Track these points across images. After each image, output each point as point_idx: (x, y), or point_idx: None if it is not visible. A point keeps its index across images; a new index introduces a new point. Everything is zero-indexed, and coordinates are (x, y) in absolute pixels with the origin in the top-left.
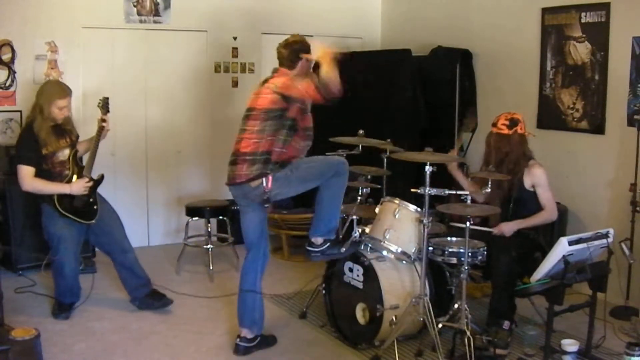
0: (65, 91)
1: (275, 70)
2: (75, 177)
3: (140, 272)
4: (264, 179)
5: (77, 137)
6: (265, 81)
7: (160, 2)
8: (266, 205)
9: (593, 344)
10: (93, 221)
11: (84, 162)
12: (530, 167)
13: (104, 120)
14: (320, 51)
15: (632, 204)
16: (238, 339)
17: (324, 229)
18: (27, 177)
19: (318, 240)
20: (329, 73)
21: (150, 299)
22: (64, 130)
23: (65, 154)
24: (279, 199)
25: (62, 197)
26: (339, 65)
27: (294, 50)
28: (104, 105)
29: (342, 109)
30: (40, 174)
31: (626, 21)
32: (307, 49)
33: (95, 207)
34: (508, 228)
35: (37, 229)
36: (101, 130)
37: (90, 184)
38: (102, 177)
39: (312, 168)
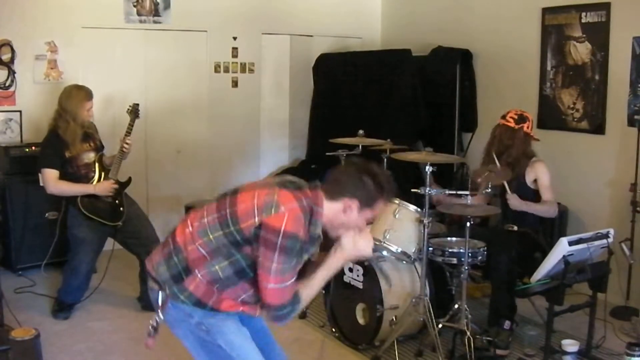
0: (90, 93)
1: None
2: (101, 179)
3: None
4: None
5: (101, 144)
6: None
7: (160, 2)
8: None
9: (593, 344)
10: (119, 223)
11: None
12: (533, 163)
13: (127, 143)
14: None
15: (632, 204)
16: None
17: None
18: (51, 180)
19: None
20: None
21: None
22: (87, 133)
23: (90, 157)
24: None
25: (85, 198)
26: None
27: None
28: (133, 111)
29: (342, 109)
30: (66, 177)
31: (626, 21)
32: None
33: (121, 208)
34: (516, 202)
35: (38, 229)
36: (122, 152)
37: (116, 185)
38: (129, 180)
39: None
